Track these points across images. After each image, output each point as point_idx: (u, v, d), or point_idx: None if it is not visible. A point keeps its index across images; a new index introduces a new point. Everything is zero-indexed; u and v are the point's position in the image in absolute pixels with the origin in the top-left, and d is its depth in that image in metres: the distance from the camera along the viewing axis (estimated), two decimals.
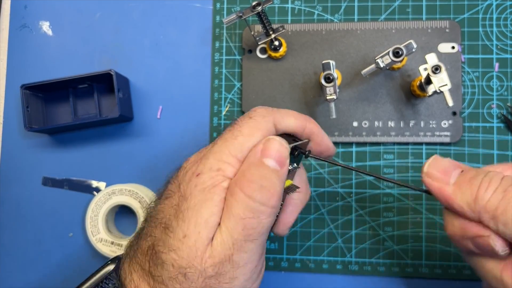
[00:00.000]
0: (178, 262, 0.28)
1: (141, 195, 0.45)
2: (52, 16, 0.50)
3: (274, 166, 0.29)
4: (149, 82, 0.48)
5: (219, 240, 0.28)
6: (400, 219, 0.44)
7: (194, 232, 0.28)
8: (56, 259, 0.47)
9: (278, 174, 0.29)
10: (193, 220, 0.28)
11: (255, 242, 0.28)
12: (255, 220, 0.28)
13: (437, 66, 0.38)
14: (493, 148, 0.44)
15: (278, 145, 0.29)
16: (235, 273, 0.28)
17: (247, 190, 0.28)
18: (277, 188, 0.29)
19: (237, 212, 0.28)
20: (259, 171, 0.28)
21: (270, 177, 0.28)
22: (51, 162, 0.48)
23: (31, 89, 0.46)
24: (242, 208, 0.28)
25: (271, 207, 0.28)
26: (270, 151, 0.29)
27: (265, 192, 0.28)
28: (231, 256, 0.28)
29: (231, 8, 0.48)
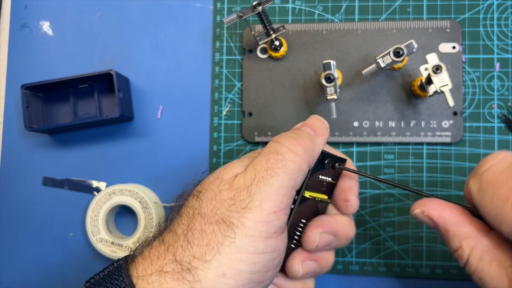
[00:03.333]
0: (198, 188, 0.28)
1: (141, 195, 0.45)
2: (52, 16, 0.50)
3: (309, 131, 0.31)
4: (149, 82, 0.48)
5: (242, 174, 0.28)
6: (401, 219, 0.44)
7: (220, 169, 0.29)
8: (56, 259, 0.47)
9: (310, 136, 0.30)
10: (223, 166, 0.30)
11: (277, 179, 0.27)
12: (279, 157, 0.28)
13: (438, 66, 0.38)
14: (494, 148, 0.44)
15: (317, 119, 0.32)
16: (249, 203, 0.26)
17: (276, 137, 0.30)
18: (305, 140, 0.29)
19: (264, 151, 0.29)
20: (293, 130, 0.31)
21: (301, 133, 0.30)
22: (51, 162, 0.48)
23: (31, 89, 0.46)
24: (268, 148, 0.29)
25: (296, 152, 0.28)
26: (309, 122, 0.32)
27: (292, 140, 0.29)
28: (250, 186, 0.27)
29: (231, 8, 0.48)
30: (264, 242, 0.26)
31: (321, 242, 0.32)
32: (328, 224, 0.33)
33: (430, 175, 0.44)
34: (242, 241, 0.26)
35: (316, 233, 0.32)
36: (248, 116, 0.46)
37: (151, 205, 0.44)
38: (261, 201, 0.26)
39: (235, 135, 0.46)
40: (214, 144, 0.47)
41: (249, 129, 0.46)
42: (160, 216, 0.45)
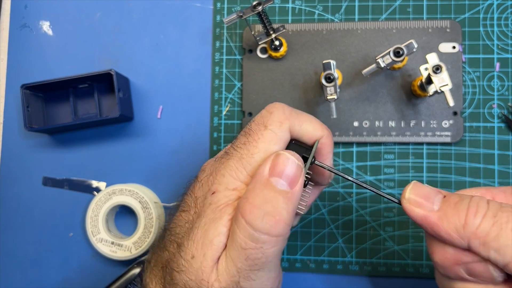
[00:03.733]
0: (189, 284, 0.26)
1: (141, 195, 0.45)
2: (52, 16, 0.50)
3: (283, 187, 0.26)
4: (149, 82, 0.48)
5: (224, 266, 0.26)
6: (401, 219, 0.44)
7: (200, 254, 0.26)
8: (56, 259, 0.47)
9: (287, 197, 0.26)
10: (201, 241, 0.26)
11: (263, 270, 0.26)
12: (258, 250, 0.25)
13: (438, 66, 0.38)
14: (494, 148, 0.44)
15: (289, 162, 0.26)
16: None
17: (249, 217, 0.25)
18: (283, 214, 0.25)
19: (239, 241, 0.25)
20: (263, 194, 0.25)
21: (276, 201, 0.25)
22: (51, 162, 0.48)
23: (31, 89, 0.46)
24: (243, 236, 0.25)
25: (276, 235, 0.25)
26: (279, 169, 0.26)
27: (269, 220, 0.25)
28: (238, 283, 0.26)
29: (231, 8, 0.48)
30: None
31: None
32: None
33: (430, 175, 0.44)
34: None
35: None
36: (248, 116, 0.46)
37: (151, 205, 0.44)
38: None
39: (235, 135, 0.46)
40: (214, 144, 0.47)
41: None
42: (160, 216, 0.45)
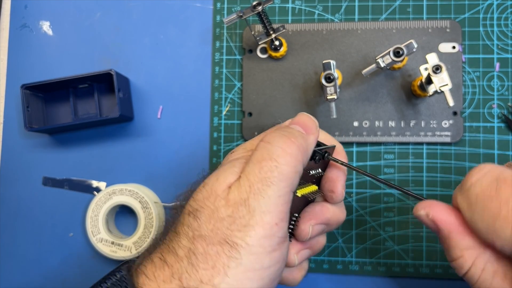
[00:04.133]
0: (193, 205, 0.27)
1: (141, 195, 0.45)
2: (52, 16, 0.50)
3: (300, 129, 0.29)
4: (149, 82, 0.48)
5: (236, 185, 0.26)
6: (401, 219, 0.44)
7: (213, 180, 0.27)
8: (57, 259, 0.47)
9: (302, 135, 0.29)
10: (215, 173, 0.28)
11: (274, 189, 0.26)
12: (273, 162, 0.26)
13: (437, 66, 0.38)
14: (494, 148, 0.44)
15: (306, 117, 0.31)
16: (250, 220, 0.25)
17: (268, 138, 0.28)
18: (298, 139, 0.28)
19: (256, 156, 0.27)
20: (283, 129, 0.29)
21: (292, 131, 0.28)
22: (51, 162, 0.48)
23: (31, 89, 0.46)
24: (261, 153, 0.27)
25: (290, 154, 0.27)
26: (298, 120, 0.30)
27: (285, 139, 0.27)
28: (247, 200, 0.25)
29: (231, 8, 0.48)
30: (269, 256, 0.26)
31: (314, 232, 0.32)
32: (319, 215, 0.32)
33: (430, 175, 0.44)
34: (248, 260, 0.25)
35: (309, 226, 0.31)
36: (248, 116, 0.46)
37: (151, 205, 0.44)
38: (262, 216, 0.25)
39: (235, 135, 0.47)
40: (214, 144, 0.47)
41: (249, 129, 0.46)
42: (160, 216, 0.45)
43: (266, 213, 0.25)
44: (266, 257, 0.25)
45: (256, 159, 0.27)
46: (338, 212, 0.33)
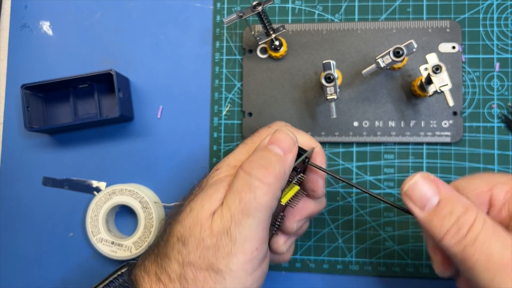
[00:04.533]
0: (181, 231, 0.29)
1: (141, 195, 0.45)
2: (52, 16, 0.50)
3: (278, 151, 0.30)
4: (149, 82, 0.48)
5: (219, 213, 0.29)
6: (401, 219, 0.44)
7: (199, 205, 0.30)
8: (56, 259, 0.47)
9: (280, 158, 0.30)
10: (200, 197, 0.30)
11: (253, 219, 0.28)
12: (251, 194, 0.28)
13: (437, 66, 0.38)
14: (494, 148, 0.44)
15: (284, 135, 0.31)
16: (233, 248, 0.28)
17: (247, 167, 0.30)
18: (276, 168, 0.29)
19: (236, 187, 0.29)
20: (261, 153, 0.31)
21: (270, 158, 0.30)
22: (51, 162, 0.48)
23: (31, 89, 0.46)
24: (240, 183, 0.29)
25: (268, 184, 0.29)
26: (276, 139, 0.31)
27: (263, 170, 0.29)
28: (229, 230, 0.28)
29: (231, 8, 0.48)
30: (251, 276, 0.29)
31: (299, 226, 0.36)
32: (303, 211, 0.36)
33: None
34: (231, 283, 0.28)
35: (293, 222, 0.35)
36: (248, 116, 0.46)
37: (151, 205, 0.44)
38: (243, 244, 0.28)
39: (235, 135, 0.47)
40: (214, 144, 0.47)
41: (249, 129, 0.46)
42: (160, 216, 0.45)
43: (247, 241, 0.28)
44: (248, 278, 0.29)
45: (236, 189, 0.29)
46: (319, 205, 0.37)
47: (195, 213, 0.30)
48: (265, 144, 0.31)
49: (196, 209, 0.30)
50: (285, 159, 0.30)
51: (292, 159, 0.31)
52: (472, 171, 0.44)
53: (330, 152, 0.45)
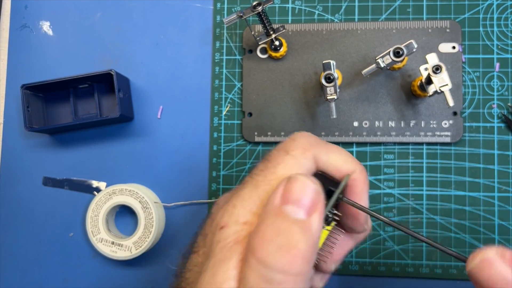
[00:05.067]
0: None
1: (141, 195, 0.45)
2: (52, 16, 0.50)
3: (298, 215, 0.21)
4: (149, 82, 0.48)
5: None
6: (401, 219, 0.44)
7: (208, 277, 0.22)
8: (57, 259, 0.47)
9: (304, 227, 0.21)
10: (208, 282, 0.22)
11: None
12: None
13: (437, 66, 0.38)
14: (494, 148, 0.44)
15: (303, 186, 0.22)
16: None
17: (260, 253, 0.21)
18: (300, 247, 0.21)
19: (251, 284, 0.21)
20: (275, 225, 0.21)
21: (290, 233, 0.21)
22: (51, 162, 0.48)
23: (31, 89, 0.46)
24: (255, 278, 0.21)
25: (294, 275, 0.20)
26: (292, 195, 0.22)
27: (284, 255, 0.20)
28: None
29: (231, 8, 0.48)
30: None
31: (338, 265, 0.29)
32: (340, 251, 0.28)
33: (429, 175, 0.44)
34: None
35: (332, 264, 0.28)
36: (248, 116, 0.46)
37: (151, 205, 0.45)
38: None
39: (235, 135, 0.47)
40: (214, 144, 0.47)
41: (249, 129, 0.46)
42: (160, 216, 0.45)
43: None
44: None
45: (252, 285, 0.21)
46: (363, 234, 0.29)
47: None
48: (278, 204, 0.22)
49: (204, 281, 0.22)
50: (310, 224, 0.21)
51: (320, 219, 0.22)
52: (472, 171, 0.44)
53: None
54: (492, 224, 0.43)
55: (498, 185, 0.44)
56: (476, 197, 0.44)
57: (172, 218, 0.47)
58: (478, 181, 0.44)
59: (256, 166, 0.26)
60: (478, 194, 0.44)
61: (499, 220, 0.43)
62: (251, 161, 0.46)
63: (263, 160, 0.26)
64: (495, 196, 0.43)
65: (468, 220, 0.43)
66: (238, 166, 0.46)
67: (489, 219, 0.43)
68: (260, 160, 0.27)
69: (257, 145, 0.46)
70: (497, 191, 0.43)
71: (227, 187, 0.46)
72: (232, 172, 0.46)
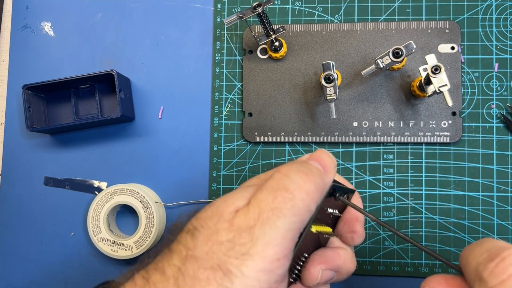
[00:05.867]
0: (194, 223, 0.25)
1: (142, 195, 0.45)
2: (53, 16, 0.50)
3: (318, 166, 0.27)
4: (150, 83, 0.48)
5: (244, 210, 0.24)
6: (400, 218, 0.44)
7: (220, 201, 0.26)
8: (58, 258, 0.48)
9: (320, 173, 0.27)
10: (224, 196, 0.26)
11: (284, 222, 0.24)
12: (288, 195, 0.24)
13: (436, 67, 0.38)
14: (493, 148, 0.44)
15: (325, 154, 0.28)
16: (251, 249, 0.23)
17: (285, 169, 0.26)
18: (316, 177, 0.26)
19: (270, 184, 0.25)
20: (300, 163, 0.27)
21: (311, 168, 0.26)
22: (52, 162, 0.49)
23: (32, 89, 0.46)
24: (275, 182, 0.25)
25: (306, 191, 0.25)
26: (317, 157, 0.28)
27: (303, 175, 0.25)
28: (253, 228, 0.23)
29: (232, 9, 0.48)
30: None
31: (323, 279, 0.29)
32: (331, 260, 0.30)
33: (429, 175, 0.44)
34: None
35: (319, 269, 0.29)
36: (248, 116, 0.46)
37: (152, 205, 0.45)
38: (265, 247, 0.23)
39: (235, 135, 0.47)
40: (215, 144, 0.47)
41: (249, 129, 0.46)
42: (161, 216, 0.46)
43: (270, 245, 0.23)
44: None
45: (270, 187, 0.25)
46: (350, 261, 0.31)
47: (215, 206, 0.25)
48: (304, 159, 0.28)
49: (217, 203, 0.25)
50: (325, 176, 0.27)
51: (330, 181, 0.28)
52: (471, 171, 0.44)
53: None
54: (491, 224, 0.43)
55: (497, 185, 0.44)
56: (475, 196, 0.44)
57: (173, 218, 0.47)
58: (477, 181, 0.44)
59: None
60: (477, 194, 0.44)
61: (498, 220, 0.43)
62: (251, 161, 0.46)
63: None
64: (494, 195, 0.44)
65: (467, 220, 0.44)
66: (239, 166, 0.46)
67: (488, 218, 0.43)
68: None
69: (257, 145, 0.46)
70: (496, 191, 0.44)
71: (227, 187, 0.46)
72: (233, 172, 0.46)
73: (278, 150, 0.46)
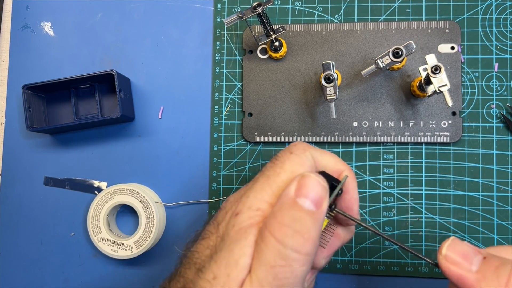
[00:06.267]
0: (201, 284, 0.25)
1: (142, 195, 0.45)
2: (53, 16, 0.50)
3: (310, 207, 0.26)
4: (150, 82, 0.48)
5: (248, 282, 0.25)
6: (400, 218, 0.44)
7: (224, 274, 0.25)
8: (58, 258, 0.48)
9: (314, 217, 0.26)
10: (224, 261, 0.26)
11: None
12: (288, 268, 0.25)
13: (436, 67, 0.38)
14: (493, 148, 0.44)
15: (314, 183, 0.26)
16: None
17: (278, 234, 0.25)
18: (312, 232, 0.25)
19: (268, 259, 0.25)
20: (292, 213, 0.26)
21: (304, 220, 0.25)
22: (52, 162, 0.49)
23: (32, 89, 0.46)
24: (272, 255, 0.25)
25: (306, 254, 0.25)
26: (305, 190, 0.26)
27: (299, 238, 0.25)
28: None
29: (232, 9, 0.48)
30: None
31: (328, 261, 0.33)
32: (332, 245, 0.32)
33: (429, 175, 0.44)
34: None
35: (322, 258, 0.32)
36: (248, 116, 0.46)
37: (152, 205, 0.45)
38: None
39: (235, 135, 0.47)
40: (215, 144, 0.47)
41: (249, 129, 0.46)
42: (161, 216, 0.46)
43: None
44: None
45: (267, 263, 0.25)
46: (350, 233, 0.33)
47: (220, 284, 0.25)
48: (292, 195, 0.26)
49: (220, 278, 0.25)
50: (318, 214, 0.26)
51: (325, 211, 0.27)
52: (471, 171, 0.44)
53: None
54: (491, 224, 0.43)
55: (497, 185, 0.44)
56: (475, 196, 0.44)
57: (173, 218, 0.47)
58: (477, 181, 0.44)
59: (265, 165, 0.30)
60: (477, 193, 0.44)
61: (498, 220, 0.43)
62: (251, 161, 0.46)
63: (271, 159, 0.30)
64: (494, 195, 0.44)
65: (467, 220, 0.44)
66: (239, 166, 0.46)
67: (488, 218, 0.43)
68: (268, 160, 0.31)
69: (257, 145, 0.47)
70: (496, 191, 0.44)
71: (227, 187, 0.46)
72: (233, 172, 0.46)
73: (278, 150, 0.46)
